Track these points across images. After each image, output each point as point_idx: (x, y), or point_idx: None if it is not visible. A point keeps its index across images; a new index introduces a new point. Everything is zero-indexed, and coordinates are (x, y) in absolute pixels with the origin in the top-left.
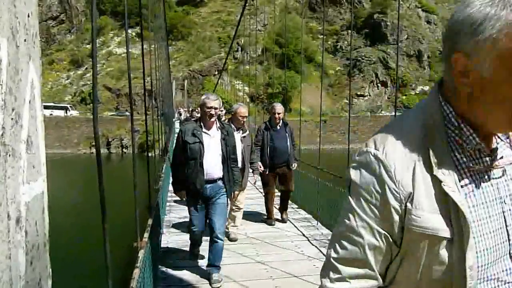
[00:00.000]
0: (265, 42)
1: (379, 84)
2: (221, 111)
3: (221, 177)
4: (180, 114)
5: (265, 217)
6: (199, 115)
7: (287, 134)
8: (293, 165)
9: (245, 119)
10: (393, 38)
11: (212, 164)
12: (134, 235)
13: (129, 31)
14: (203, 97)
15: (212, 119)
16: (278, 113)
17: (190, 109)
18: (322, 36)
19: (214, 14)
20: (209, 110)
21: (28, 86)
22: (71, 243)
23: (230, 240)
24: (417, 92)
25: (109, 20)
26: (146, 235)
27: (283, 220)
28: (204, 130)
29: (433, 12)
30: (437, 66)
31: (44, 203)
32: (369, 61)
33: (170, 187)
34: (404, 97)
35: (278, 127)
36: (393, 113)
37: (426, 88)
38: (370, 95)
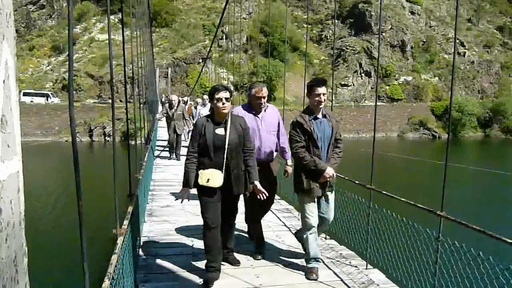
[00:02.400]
0: (250, 30)
1: (362, 74)
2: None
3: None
4: (171, 106)
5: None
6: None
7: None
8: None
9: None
10: (377, 28)
11: None
12: (115, 223)
13: (112, 17)
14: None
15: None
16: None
17: (186, 98)
18: (307, 25)
19: (198, 1)
20: None
21: (2, 66)
22: (50, 229)
23: None
24: (400, 82)
25: (91, 5)
26: (125, 222)
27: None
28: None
29: (417, 3)
30: (420, 56)
31: (20, 182)
32: (353, 51)
33: (154, 176)
34: (387, 87)
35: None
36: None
37: (409, 78)
38: (354, 85)
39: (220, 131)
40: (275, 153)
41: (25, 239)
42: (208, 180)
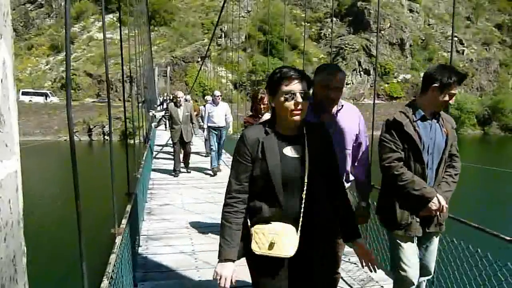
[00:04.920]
0: (249, 28)
1: (361, 72)
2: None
3: None
4: (176, 104)
5: None
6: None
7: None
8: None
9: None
10: (376, 26)
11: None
12: (114, 223)
13: (110, 15)
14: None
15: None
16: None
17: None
18: (306, 23)
19: None
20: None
21: (0, 65)
22: (48, 229)
23: None
24: (399, 80)
25: (90, 4)
26: (124, 221)
27: None
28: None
29: (416, 1)
30: (419, 54)
31: (18, 182)
32: (352, 49)
33: (152, 175)
34: (386, 85)
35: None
36: (376, 101)
37: (408, 76)
38: (353, 83)
39: (292, 151)
40: (347, 184)
41: (23, 239)
42: (271, 244)
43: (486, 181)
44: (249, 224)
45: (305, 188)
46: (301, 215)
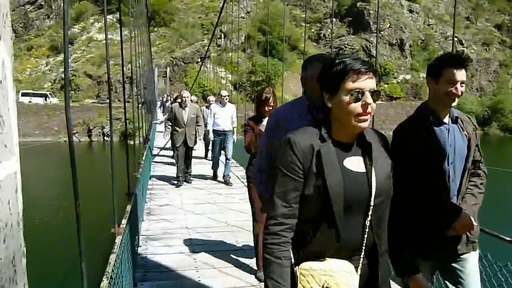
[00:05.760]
0: (248, 29)
1: None
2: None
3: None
4: (181, 105)
5: None
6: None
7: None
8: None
9: None
10: (375, 26)
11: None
12: (114, 222)
13: (110, 16)
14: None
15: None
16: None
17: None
18: (305, 23)
19: (197, 0)
20: None
21: None
22: (48, 229)
23: None
24: (399, 80)
25: (89, 5)
26: (124, 221)
27: None
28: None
29: (415, 1)
30: (419, 55)
31: (18, 183)
32: (352, 49)
33: (152, 174)
34: (386, 85)
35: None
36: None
37: (408, 76)
38: None
39: (354, 164)
40: None
41: (23, 240)
42: None
43: (486, 181)
44: (292, 260)
45: (369, 213)
46: (363, 248)
